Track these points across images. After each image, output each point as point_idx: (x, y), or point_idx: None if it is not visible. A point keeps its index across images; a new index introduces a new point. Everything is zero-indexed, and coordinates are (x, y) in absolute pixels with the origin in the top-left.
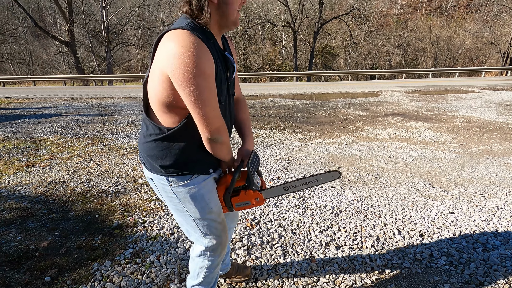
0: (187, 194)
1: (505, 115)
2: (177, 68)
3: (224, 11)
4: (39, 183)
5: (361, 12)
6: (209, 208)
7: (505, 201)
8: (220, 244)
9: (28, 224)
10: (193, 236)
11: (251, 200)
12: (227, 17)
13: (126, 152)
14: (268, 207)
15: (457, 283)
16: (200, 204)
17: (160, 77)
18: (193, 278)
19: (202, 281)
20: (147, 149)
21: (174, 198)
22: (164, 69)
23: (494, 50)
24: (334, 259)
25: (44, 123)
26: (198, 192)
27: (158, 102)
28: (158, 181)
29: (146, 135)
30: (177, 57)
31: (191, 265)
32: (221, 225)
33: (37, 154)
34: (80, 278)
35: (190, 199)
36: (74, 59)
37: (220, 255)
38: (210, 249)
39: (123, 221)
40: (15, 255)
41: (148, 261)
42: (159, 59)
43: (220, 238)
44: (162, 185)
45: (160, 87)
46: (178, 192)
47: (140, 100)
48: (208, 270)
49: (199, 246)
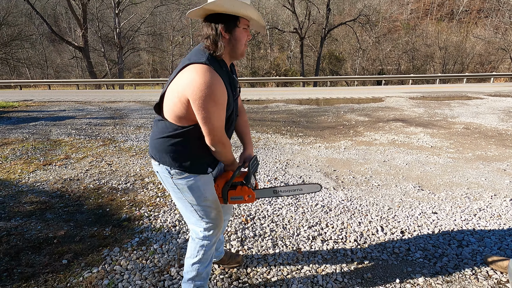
0: (185, 185)
1: (506, 122)
2: (198, 97)
3: (234, 45)
4: (55, 180)
5: (369, 18)
6: (204, 197)
7: (488, 203)
8: (216, 226)
9: (47, 215)
10: (192, 220)
11: (244, 195)
12: (235, 50)
13: (135, 153)
14: (263, 204)
15: (428, 274)
16: (196, 194)
17: (180, 98)
18: (192, 256)
19: (201, 258)
20: (158, 144)
21: (175, 188)
22: (185, 93)
23: (506, 56)
24: (319, 251)
25: (59, 125)
26: (195, 184)
27: (172, 113)
28: (162, 173)
29: (159, 132)
30: (199, 88)
31: (190, 245)
32: (216, 210)
33: (53, 154)
34: (93, 261)
35: (188, 189)
36: (87, 63)
37: (216, 235)
38: (208, 229)
39: (130, 215)
40: (36, 241)
41: (152, 249)
42: (181, 84)
43: (215, 221)
44: (165, 177)
45: (178, 105)
46: (178, 184)
47: (149, 104)
48: (206, 248)
49: (197, 228)
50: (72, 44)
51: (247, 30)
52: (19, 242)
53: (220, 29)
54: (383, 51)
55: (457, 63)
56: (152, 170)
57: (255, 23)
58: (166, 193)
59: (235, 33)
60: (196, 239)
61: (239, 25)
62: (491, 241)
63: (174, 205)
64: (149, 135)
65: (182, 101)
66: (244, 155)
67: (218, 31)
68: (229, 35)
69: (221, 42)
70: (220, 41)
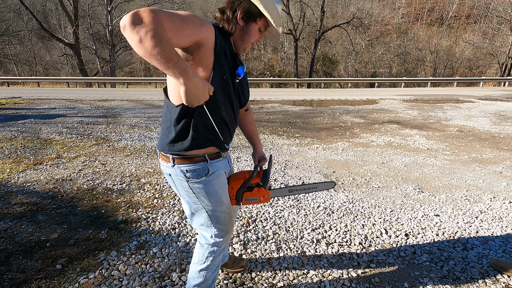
0: (203, 189)
1: (498, 125)
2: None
3: (242, 36)
4: (47, 180)
5: (362, 21)
6: (221, 201)
7: (488, 205)
8: (227, 232)
9: (38, 217)
10: (204, 226)
11: (260, 197)
12: (241, 43)
13: (129, 153)
14: (264, 206)
15: (436, 278)
16: (213, 198)
17: None
18: (200, 263)
19: (210, 265)
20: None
21: (190, 193)
22: None
23: (493, 61)
24: (324, 254)
25: (50, 124)
26: (212, 188)
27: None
28: (176, 176)
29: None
30: None
31: (198, 251)
32: (229, 216)
33: (44, 153)
34: (89, 266)
35: (205, 193)
36: (78, 61)
37: (226, 241)
38: (219, 236)
39: (127, 217)
40: (27, 245)
41: (151, 253)
42: None
43: (227, 227)
44: (180, 180)
45: None
46: (194, 188)
47: (142, 103)
48: (216, 254)
49: (208, 233)
50: (63, 41)
51: (262, 33)
52: (9, 246)
53: (239, 14)
54: (376, 54)
55: (447, 67)
56: (148, 170)
57: (272, 31)
58: (164, 194)
59: (249, 27)
60: (205, 245)
61: (257, 22)
62: (495, 244)
63: (172, 207)
64: (144, 134)
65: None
66: (257, 154)
67: (236, 14)
68: (244, 24)
69: (233, 25)
70: (233, 23)
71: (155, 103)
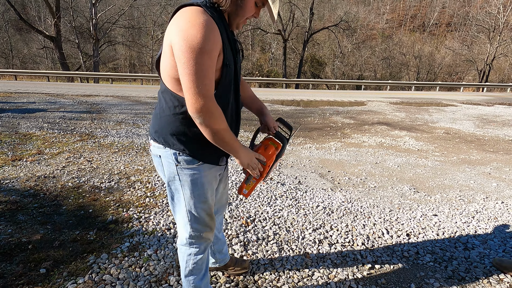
0: (189, 178)
1: (482, 128)
2: (181, 39)
3: (238, 10)
4: (27, 177)
5: (349, 24)
6: (205, 197)
7: (482, 205)
8: (204, 232)
9: (19, 217)
10: (181, 222)
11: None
12: (236, 17)
13: (117, 149)
14: (262, 205)
15: (441, 278)
16: (197, 191)
17: (168, 51)
18: (184, 269)
19: (192, 269)
20: (165, 123)
21: (176, 180)
22: (171, 42)
23: (471, 67)
24: (327, 255)
25: (29, 118)
26: (200, 179)
27: (169, 77)
28: (165, 159)
29: (165, 109)
30: (182, 30)
31: (179, 256)
32: (209, 217)
33: (23, 148)
34: (77, 270)
35: (191, 183)
36: (59, 54)
37: (205, 242)
38: (195, 237)
39: (117, 216)
40: (6, 247)
41: (146, 255)
42: (168, 33)
43: (205, 228)
44: (168, 163)
45: (168, 61)
46: (181, 174)
47: (129, 99)
48: (195, 257)
49: (184, 233)
50: (43, 33)
51: (259, 8)
52: None
53: None
54: (362, 58)
55: (429, 72)
56: (137, 168)
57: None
58: (156, 192)
59: (244, 1)
60: (181, 246)
61: None
62: (494, 244)
63: (166, 206)
64: (131, 131)
65: (172, 54)
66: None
67: None
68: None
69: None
70: None
71: (141, 99)
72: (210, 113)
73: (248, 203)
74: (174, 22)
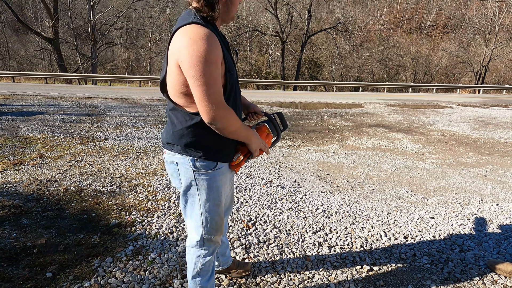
0: (206, 182)
1: (478, 130)
2: (188, 55)
3: (228, 8)
4: (30, 181)
5: (347, 26)
6: (219, 200)
7: (478, 208)
8: (215, 235)
9: (23, 221)
10: (192, 224)
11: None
12: (229, 14)
13: (118, 153)
14: (263, 209)
15: (438, 280)
16: (213, 195)
17: (176, 70)
18: (191, 270)
19: (200, 271)
20: (178, 136)
21: (193, 184)
22: (177, 60)
23: (468, 69)
24: (327, 257)
25: (28, 121)
26: (215, 183)
27: (179, 94)
28: (183, 165)
29: (177, 124)
30: (190, 46)
31: (187, 257)
32: (221, 220)
33: (24, 152)
34: (82, 274)
35: (207, 187)
36: (57, 56)
37: (214, 245)
38: (205, 240)
39: (120, 220)
40: (12, 251)
41: (149, 258)
42: (172, 53)
43: (217, 231)
44: (186, 169)
45: (177, 79)
46: (198, 179)
47: (127, 101)
48: (204, 258)
49: (195, 236)
50: (41, 34)
51: None
52: None
53: None
54: (359, 59)
55: (426, 74)
56: (139, 171)
57: None
58: (158, 196)
59: None
60: (191, 248)
61: None
62: (489, 246)
63: (168, 210)
64: (131, 134)
65: (180, 72)
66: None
67: None
68: None
69: (218, 4)
70: (217, 3)
71: (140, 101)
72: (225, 118)
73: (249, 206)
74: (177, 41)
